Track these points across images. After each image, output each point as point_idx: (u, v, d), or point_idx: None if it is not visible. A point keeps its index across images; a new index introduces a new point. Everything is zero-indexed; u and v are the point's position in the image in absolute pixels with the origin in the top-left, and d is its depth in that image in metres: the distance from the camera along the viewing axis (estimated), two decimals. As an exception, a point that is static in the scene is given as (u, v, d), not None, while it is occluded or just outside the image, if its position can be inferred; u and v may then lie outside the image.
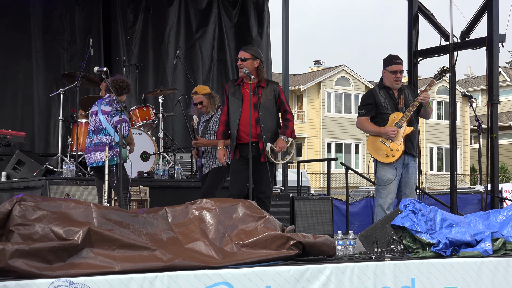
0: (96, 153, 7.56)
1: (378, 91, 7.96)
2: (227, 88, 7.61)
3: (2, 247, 4.47)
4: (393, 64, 7.90)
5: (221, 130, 7.58)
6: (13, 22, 11.53)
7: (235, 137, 7.45)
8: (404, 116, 7.76)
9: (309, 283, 5.21)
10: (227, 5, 13.51)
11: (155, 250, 4.98)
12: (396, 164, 7.77)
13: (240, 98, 7.47)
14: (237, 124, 7.42)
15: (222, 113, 7.66)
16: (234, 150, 7.47)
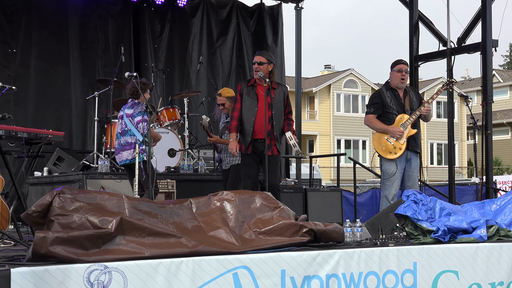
0: (124, 152, 7.58)
1: (385, 92, 7.95)
2: (241, 88, 7.59)
3: (44, 235, 4.49)
4: (399, 64, 7.96)
5: (235, 124, 7.53)
6: (53, 32, 11.59)
7: (250, 133, 7.44)
8: (409, 119, 7.77)
9: (320, 267, 5.20)
10: (245, 15, 13.52)
11: (181, 238, 4.98)
12: (398, 161, 7.76)
13: (255, 98, 7.47)
14: (253, 121, 7.42)
15: (234, 109, 7.58)
16: (248, 145, 7.46)
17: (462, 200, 13.20)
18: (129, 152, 7.48)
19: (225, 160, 8.36)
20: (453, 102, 12.25)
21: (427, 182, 14.02)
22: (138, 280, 4.55)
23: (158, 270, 4.63)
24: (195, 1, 13.04)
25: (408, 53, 12.12)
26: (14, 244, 6.23)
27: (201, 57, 11.91)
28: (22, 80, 11.08)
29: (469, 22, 11.50)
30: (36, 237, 4.47)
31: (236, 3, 13.45)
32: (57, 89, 11.53)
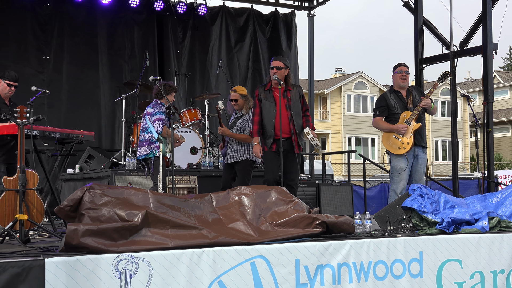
0: (141, 148, 7.60)
1: (389, 95, 7.97)
2: (258, 93, 7.57)
3: (75, 227, 4.51)
4: (399, 66, 8.00)
5: (256, 128, 7.52)
6: (83, 40, 11.63)
7: (272, 134, 7.43)
8: (412, 114, 7.75)
9: (332, 256, 5.19)
10: (261, 22, 13.51)
11: (202, 229, 4.99)
12: (407, 155, 7.75)
13: (273, 101, 7.47)
14: (273, 123, 7.41)
15: (255, 114, 7.57)
16: (271, 145, 7.45)
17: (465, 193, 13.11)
18: (144, 148, 7.50)
19: (229, 154, 8.15)
20: (456, 102, 12.19)
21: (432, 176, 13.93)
22: (163, 269, 4.56)
23: (181, 259, 4.64)
24: (215, 10, 13.05)
25: (413, 56, 12.06)
26: (48, 236, 6.27)
27: (220, 61, 11.92)
28: (55, 84, 11.13)
29: (471, 26, 11.44)
30: (68, 229, 4.49)
31: (252, 11, 13.44)
32: (87, 92, 11.58)
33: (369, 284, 5.31)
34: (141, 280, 4.48)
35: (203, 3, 12.63)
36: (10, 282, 4.09)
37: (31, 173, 6.21)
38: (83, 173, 9.46)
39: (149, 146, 7.38)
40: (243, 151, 8.02)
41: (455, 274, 5.71)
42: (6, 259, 4.20)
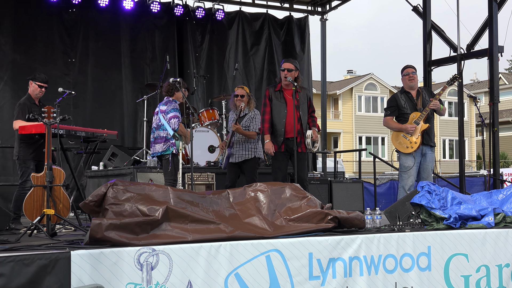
0: (156, 145, 7.44)
1: (400, 96, 7.94)
2: (269, 93, 7.53)
3: (99, 222, 4.53)
4: (406, 68, 7.96)
5: (267, 126, 7.46)
6: (107, 44, 11.68)
7: (282, 133, 7.40)
8: (421, 115, 7.72)
9: (343, 250, 5.18)
10: (276, 26, 13.49)
11: (219, 224, 4.99)
12: (415, 154, 7.71)
13: (284, 101, 7.45)
14: (284, 122, 7.39)
15: (265, 113, 7.49)
16: (280, 144, 7.42)
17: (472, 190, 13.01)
18: (160, 145, 7.39)
19: (237, 153, 7.98)
20: (463, 102, 12.11)
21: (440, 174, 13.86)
22: (182, 262, 4.57)
23: (199, 252, 4.64)
24: (232, 15, 13.05)
25: (422, 58, 12.00)
26: (74, 229, 6.31)
27: (236, 64, 11.92)
28: (80, 86, 11.18)
29: (477, 30, 11.35)
30: (93, 224, 4.51)
31: (267, 16, 13.43)
32: (110, 93, 11.63)
33: (379, 276, 5.30)
34: (162, 272, 4.50)
35: (220, 8, 12.63)
36: (38, 274, 4.12)
37: (58, 170, 6.25)
38: (107, 170, 9.49)
39: (165, 143, 7.30)
40: (250, 149, 7.97)
41: (462, 267, 5.68)
42: (34, 252, 4.23)
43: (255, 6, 13.36)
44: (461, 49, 11.49)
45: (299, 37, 13.68)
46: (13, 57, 10.80)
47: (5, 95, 10.65)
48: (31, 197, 6.13)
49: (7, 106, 10.52)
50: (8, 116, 10.33)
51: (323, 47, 13.80)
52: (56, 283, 4.16)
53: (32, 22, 11.03)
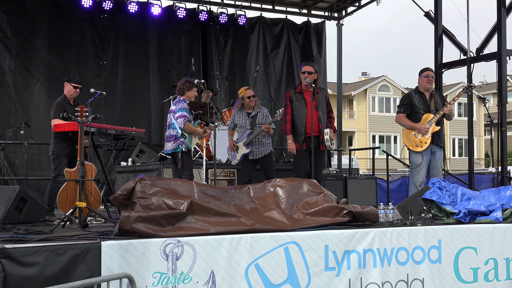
0: (167, 143, 7.34)
1: (414, 95, 7.86)
2: (290, 95, 7.50)
3: (128, 214, 4.54)
4: (426, 71, 7.88)
5: (289, 127, 7.43)
6: (136, 47, 11.73)
7: (303, 133, 7.37)
8: (434, 118, 7.65)
9: (358, 243, 5.15)
10: (294, 31, 13.47)
11: (240, 217, 4.98)
12: (424, 152, 7.64)
13: (304, 102, 7.42)
14: (304, 122, 7.36)
15: (286, 114, 7.45)
16: (301, 143, 7.40)
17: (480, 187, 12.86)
18: (170, 143, 7.28)
19: (256, 151, 7.93)
20: (472, 103, 11.99)
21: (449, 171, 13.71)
22: (205, 252, 4.56)
23: (221, 244, 4.64)
24: (253, 20, 13.04)
25: (433, 61, 11.90)
26: (104, 221, 6.33)
27: (257, 66, 11.89)
28: (110, 87, 11.24)
29: (487, 34, 11.23)
30: (122, 216, 4.53)
31: (287, 21, 13.40)
32: (139, 94, 11.67)
33: (391, 268, 5.25)
34: (186, 262, 4.50)
35: (242, 14, 12.62)
36: (70, 262, 4.14)
37: (90, 165, 6.28)
38: (135, 166, 9.53)
39: (175, 141, 7.21)
40: (267, 144, 7.97)
41: (471, 260, 5.61)
42: (67, 242, 4.25)
43: (275, 12, 13.35)
44: (471, 53, 11.38)
45: (316, 41, 13.63)
46: (48, 60, 10.89)
47: (41, 95, 10.74)
48: (65, 191, 6.17)
49: (43, 106, 10.61)
50: (44, 115, 10.43)
51: (339, 50, 13.75)
52: (87, 271, 4.18)
53: (66, 27, 11.11)
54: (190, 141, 7.23)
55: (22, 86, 10.65)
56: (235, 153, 7.98)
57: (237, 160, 8.05)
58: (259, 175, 8.19)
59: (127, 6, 11.36)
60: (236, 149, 8.02)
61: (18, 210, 6.31)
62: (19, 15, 10.71)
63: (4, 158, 9.74)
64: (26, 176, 9.39)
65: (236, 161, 8.05)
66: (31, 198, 6.50)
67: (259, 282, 4.73)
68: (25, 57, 10.73)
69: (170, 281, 4.44)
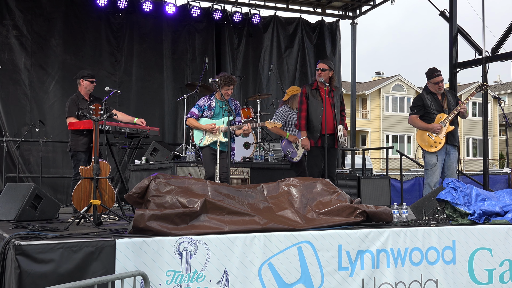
0: None
1: (426, 96, 7.80)
2: (306, 91, 7.50)
3: (142, 212, 4.56)
4: (435, 77, 7.73)
5: (304, 123, 7.43)
6: (150, 46, 11.76)
7: (319, 129, 7.36)
8: (448, 117, 7.60)
9: (371, 243, 5.13)
10: (308, 30, 13.44)
11: (254, 216, 4.98)
12: (438, 153, 7.59)
13: (320, 99, 7.41)
14: (320, 119, 7.34)
15: (302, 110, 7.46)
16: (317, 140, 7.38)
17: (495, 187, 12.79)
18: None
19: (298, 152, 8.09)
20: (487, 103, 11.89)
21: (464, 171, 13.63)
22: (219, 251, 4.57)
23: (235, 243, 4.64)
24: (267, 19, 13.03)
25: (448, 61, 11.82)
26: (118, 219, 6.35)
27: (271, 65, 11.89)
28: (125, 85, 11.28)
29: (502, 34, 11.15)
30: (136, 214, 4.54)
31: (301, 20, 13.38)
32: (153, 92, 11.70)
33: (405, 269, 5.23)
34: (200, 260, 4.51)
35: (256, 13, 12.61)
36: (85, 260, 4.17)
37: (104, 163, 6.30)
38: (149, 164, 9.55)
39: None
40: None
41: (486, 261, 5.58)
42: (81, 239, 4.28)
43: (289, 11, 13.33)
44: (486, 52, 11.30)
45: (330, 40, 13.60)
46: (63, 58, 10.95)
47: (56, 93, 10.80)
48: (79, 188, 6.21)
49: (58, 104, 10.67)
50: (59, 113, 10.49)
51: (353, 50, 13.70)
52: (102, 269, 4.20)
53: (81, 25, 11.16)
54: (198, 137, 7.20)
55: (38, 84, 10.72)
56: (295, 150, 7.93)
57: (299, 157, 8.07)
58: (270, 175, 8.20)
59: (142, 5, 11.40)
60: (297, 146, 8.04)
61: (33, 207, 6.36)
62: (35, 13, 10.77)
63: (19, 156, 9.80)
64: (41, 173, 9.46)
65: (298, 158, 8.06)
66: (46, 196, 6.55)
67: (272, 281, 4.73)
68: (40, 55, 10.79)
69: (183, 279, 4.45)
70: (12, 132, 10.31)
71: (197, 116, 7.24)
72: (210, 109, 7.24)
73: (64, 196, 10.29)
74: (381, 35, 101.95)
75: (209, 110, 7.24)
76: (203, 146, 7.21)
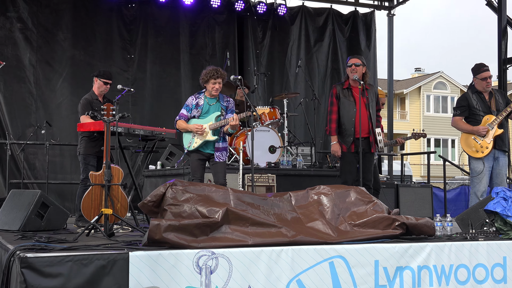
0: None
1: (471, 95, 7.72)
2: (337, 91, 7.46)
3: (158, 223, 4.58)
4: (482, 72, 7.65)
5: (334, 127, 7.40)
6: (166, 40, 11.84)
7: (352, 133, 7.33)
8: (496, 119, 7.51)
9: (412, 259, 5.10)
10: (340, 22, 13.42)
11: (281, 228, 4.98)
12: (485, 159, 7.51)
13: (353, 100, 7.37)
14: (353, 122, 7.31)
15: (332, 113, 7.43)
16: (350, 144, 7.35)
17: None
18: None
19: None
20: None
21: (515, 179, 13.47)
22: (242, 266, 4.58)
23: (260, 257, 4.64)
24: (294, 10, 13.04)
25: (496, 56, 11.71)
26: (131, 230, 6.40)
27: (299, 61, 11.88)
28: (139, 83, 11.36)
29: (559, 25, 11.02)
30: (151, 225, 4.57)
31: (332, 11, 13.36)
32: (169, 90, 11.77)
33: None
34: (221, 276, 4.52)
35: (283, 3, 12.64)
36: (96, 274, 4.20)
37: (116, 168, 6.33)
38: (164, 170, 9.60)
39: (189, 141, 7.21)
40: None
41: (541, 280, 5.50)
42: (92, 252, 4.32)
43: (319, 1, 13.31)
44: (541, 46, 11.18)
45: (365, 33, 13.57)
46: (72, 53, 11.06)
47: (63, 92, 10.90)
48: (89, 196, 6.24)
49: (66, 103, 10.78)
50: (67, 114, 10.61)
51: (390, 43, 13.64)
52: (114, 284, 4.23)
53: (91, 17, 11.28)
54: (187, 139, 7.11)
55: (44, 81, 10.83)
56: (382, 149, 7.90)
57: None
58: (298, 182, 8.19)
59: (157, -5, 11.50)
60: None
61: (39, 216, 6.44)
62: (40, 4, 10.91)
63: (24, 160, 9.91)
64: (47, 179, 9.55)
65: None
66: (53, 204, 6.62)
67: (301, 299, 4.72)
68: (46, 50, 10.92)
69: (203, 296, 4.47)
70: (16, 134, 10.44)
71: (186, 117, 7.14)
72: (198, 107, 7.12)
73: (73, 204, 10.38)
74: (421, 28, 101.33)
75: (196, 109, 7.12)
76: (192, 149, 7.09)
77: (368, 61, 13.05)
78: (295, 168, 9.53)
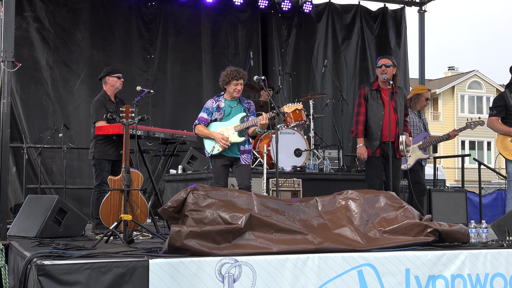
0: None
1: (509, 95, 7.67)
2: (365, 92, 7.43)
3: (179, 229, 4.61)
4: None
5: (361, 129, 7.38)
6: (187, 39, 11.88)
7: (379, 137, 7.30)
8: None
9: (445, 267, 5.07)
10: (369, 19, 13.37)
11: (307, 234, 4.98)
12: None
13: (381, 102, 7.34)
14: (381, 125, 7.28)
15: (359, 114, 7.41)
16: (376, 149, 7.32)
17: None
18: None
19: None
20: None
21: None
22: (266, 274, 4.58)
23: (285, 265, 4.65)
24: (320, 7, 13.01)
25: (535, 53, 11.60)
26: (151, 236, 6.44)
27: (326, 60, 11.85)
28: (159, 84, 11.42)
29: None
30: (172, 231, 4.59)
31: (360, 8, 13.32)
32: (191, 91, 11.81)
33: (485, 298, 5.15)
34: (244, 284, 4.53)
35: (308, 0, 12.62)
36: (115, 282, 4.24)
37: (136, 173, 6.37)
38: (186, 174, 9.63)
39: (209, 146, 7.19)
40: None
41: None
42: (111, 259, 4.36)
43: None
44: None
45: (395, 30, 13.49)
46: (90, 53, 11.14)
47: (81, 93, 10.98)
48: (108, 202, 6.29)
49: (84, 105, 10.85)
50: (85, 116, 10.68)
51: (422, 41, 13.53)
52: (134, 293, 4.27)
53: (110, 16, 11.36)
54: (210, 144, 6.98)
55: (61, 83, 10.92)
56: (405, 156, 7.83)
57: (410, 165, 8.15)
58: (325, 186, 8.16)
59: (177, -7, 11.56)
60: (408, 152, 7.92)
61: (57, 222, 6.51)
62: (58, 3, 11.01)
63: (41, 164, 10.01)
64: (65, 184, 9.62)
65: (408, 165, 8.12)
66: (70, 209, 6.69)
67: (328, 310, 4.72)
68: (64, 50, 11.01)
69: (226, 306, 4.48)
70: (33, 137, 10.54)
71: (206, 121, 7.04)
72: (219, 109, 7.05)
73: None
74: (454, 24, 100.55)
75: (218, 111, 7.05)
76: (216, 154, 6.97)
77: (398, 59, 12.98)
78: (322, 172, 9.51)
